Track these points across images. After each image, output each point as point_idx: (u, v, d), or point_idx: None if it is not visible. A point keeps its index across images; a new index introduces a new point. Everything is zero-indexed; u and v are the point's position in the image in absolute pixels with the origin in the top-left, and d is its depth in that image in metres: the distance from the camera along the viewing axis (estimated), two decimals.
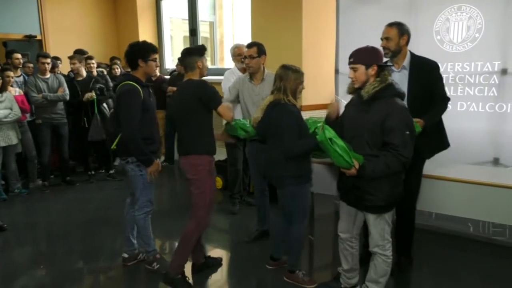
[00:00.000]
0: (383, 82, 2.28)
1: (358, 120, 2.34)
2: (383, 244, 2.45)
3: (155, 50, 2.93)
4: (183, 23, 7.08)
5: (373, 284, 2.56)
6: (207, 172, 2.81)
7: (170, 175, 5.94)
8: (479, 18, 3.31)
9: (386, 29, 2.84)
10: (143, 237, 3.15)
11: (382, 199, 2.35)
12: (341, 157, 2.23)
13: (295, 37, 4.71)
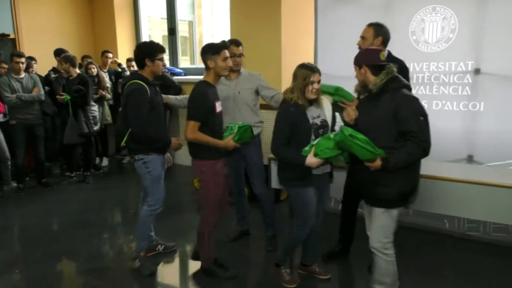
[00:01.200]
0: (389, 74, 2.33)
1: (369, 115, 2.37)
2: (385, 241, 2.43)
3: (162, 49, 2.98)
4: (161, 22, 7.01)
5: (378, 284, 2.53)
6: (211, 174, 2.82)
7: None
8: (453, 19, 3.38)
9: (365, 29, 2.93)
10: (139, 233, 3.22)
11: (397, 192, 2.35)
12: (365, 149, 2.22)
13: (274, 35, 4.73)
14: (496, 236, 3.46)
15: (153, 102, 2.93)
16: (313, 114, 2.61)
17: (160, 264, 3.42)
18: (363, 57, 2.42)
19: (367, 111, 2.39)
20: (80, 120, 5.16)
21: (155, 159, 3.06)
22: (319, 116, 2.62)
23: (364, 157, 2.26)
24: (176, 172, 6.00)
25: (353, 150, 2.26)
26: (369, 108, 2.38)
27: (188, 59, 7.74)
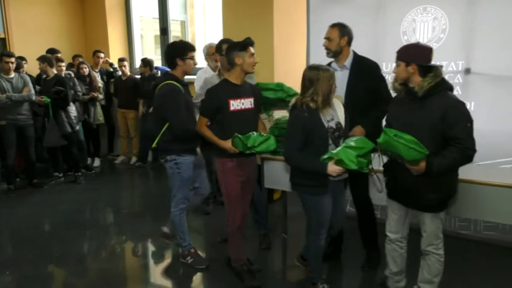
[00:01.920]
0: (438, 77, 2.25)
1: (410, 118, 2.27)
2: (437, 243, 2.44)
3: (193, 48, 2.98)
4: (154, 22, 6.99)
5: (427, 284, 2.53)
6: (221, 172, 2.85)
7: (144, 175, 5.85)
8: (444, 19, 3.41)
9: (329, 30, 2.93)
10: (178, 233, 3.23)
11: (442, 196, 2.33)
12: (412, 149, 2.14)
13: (267, 35, 4.73)
14: (486, 234, 3.49)
15: (187, 102, 2.96)
16: (326, 117, 2.47)
17: (151, 264, 3.41)
18: (415, 55, 2.28)
19: (408, 114, 2.30)
20: (62, 120, 5.11)
21: (186, 161, 3.04)
22: (332, 119, 2.48)
23: (410, 158, 2.17)
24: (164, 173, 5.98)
25: (399, 151, 2.16)
26: (411, 111, 2.29)
27: None
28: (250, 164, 2.89)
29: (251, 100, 2.78)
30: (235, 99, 2.73)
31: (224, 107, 2.71)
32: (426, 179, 2.25)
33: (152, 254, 3.65)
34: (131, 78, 6.03)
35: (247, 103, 2.76)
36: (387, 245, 2.64)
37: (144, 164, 6.07)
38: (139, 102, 5.98)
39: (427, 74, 2.25)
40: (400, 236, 2.57)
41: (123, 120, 6.16)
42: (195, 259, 3.22)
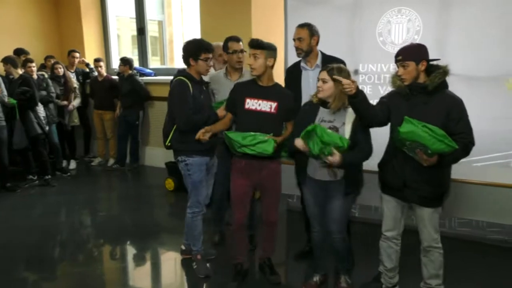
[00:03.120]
0: (446, 74, 2.34)
1: (416, 112, 2.32)
2: (437, 237, 2.51)
3: (208, 49, 2.86)
4: (131, 22, 6.90)
5: (434, 279, 2.58)
6: (231, 171, 2.85)
7: (121, 178, 5.77)
8: (418, 21, 3.48)
9: (298, 30, 2.97)
10: (189, 236, 3.17)
11: (446, 190, 2.43)
12: (442, 142, 2.19)
13: (245, 35, 4.69)
14: (461, 231, 3.58)
15: (195, 102, 2.85)
16: (325, 117, 2.52)
17: (130, 267, 3.37)
18: (422, 52, 2.37)
19: (413, 108, 2.35)
20: (31, 121, 4.99)
21: (196, 162, 2.94)
22: (331, 121, 2.50)
23: (437, 150, 2.22)
24: (147, 173, 5.92)
25: (424, 142, 2.21)
26: (416, 105, 2.36)
27: (158, 59, 7.66)
28: (264, 169, 2.76)
29: (272, 104, 2.69)
30: (252, 99, 2.71)
31: (240, 103, 2.73)
32: (427, 173, 2.35)
33: (131, 256, 3.60)
34: (108, 78, 5.95)
35: (265, 105, 2.70)
36: (383, 242, 2.70)
37: (122, 166, 5.99)
38: (116, 103, 5.90)
39: (430, 71, 2.34)
40: (396, 233, 2.63)
41: (100, 122, 6.06)
42: (199, 266, 3.11)
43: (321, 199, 2.64)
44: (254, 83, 2.76)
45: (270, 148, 2.59)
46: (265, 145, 2.59)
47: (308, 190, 2.67)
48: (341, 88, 2.36)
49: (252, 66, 2.67)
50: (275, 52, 2.70)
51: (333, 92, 2.46)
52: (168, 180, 4.98)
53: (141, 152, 6.13)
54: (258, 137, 2.61)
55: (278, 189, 2.87)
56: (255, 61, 2.65)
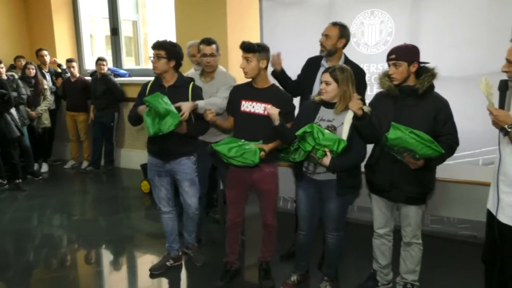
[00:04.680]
0: (434, 76, 2.40)
1: (404, 114, 2.37)
2: (418, 233, 2.60)
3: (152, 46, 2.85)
4: (104, 22, 6.77)
5: (411, 274, 2.67)
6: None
7: (96, 180, 5.66)
8: (390, 23, 3.55)
9: (329, 27, 2.91)
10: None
11: (425, 189, 2.50)
12: (429, 148, 2.26)
13: (220, 36, 4.71)
14: (433, 228, 3.67)
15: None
16: (324, 116, 2.51)
17: (105, 271, 3.31)
18: (415, 54, 2.41)
19: (403, 110, 2.40)
20: (9, 124, 4.85)
21: (149, 161, 3.04)
22: (330, 121, 2.49)
23: (425, 155, 2.30)
24: (122, 175, 5.83)
25: (412, 147, 2.27)
26: (406, 106, 2.40)
27: (133, 60, 7.55)
28: (257, 171, 2.73)
29: (266, 107, 2.64)
30: (247, 101, 2.72)
31: (237, 105, 2.74)
32: (413, 174, 2.41)
33: (107, 261, 3.54)
34: (81, 79, 5.83)
35: (259, 108, 2.69)
36: (376, 240, 2.75)
37: (97, 168, 5.87)
38: (90, 105, 5.79)
39: (418, 73, 2.40)
40: (388, 230, 2.70)
41: (73, 123, 5.93)
42: (195, 255, 3.23)
43: (315, 200, 2.65)
44: (250, 85, 2.77)
45: (256, 158, 2.58)
46: (251, 155, 2.58)
47: (302, 190, 2.68)
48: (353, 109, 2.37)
49: (244, 70, 2.67)
50: (267, 53, 2.69)
51: (337, 94, 2.46)
52: (144, 182, 4.92)
53: (116, 154, 6.04)
54: (244, 147, 2.61)
55: (274, 192, 2.84)
56: (248, 64, 2.64)
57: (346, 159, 2.42)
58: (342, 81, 2.42)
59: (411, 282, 2.69)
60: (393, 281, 2.82)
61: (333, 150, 2.36)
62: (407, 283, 2.70)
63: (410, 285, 2.69)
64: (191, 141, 2.95)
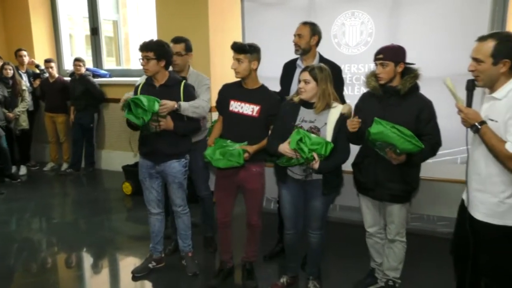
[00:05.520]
0: (417, 77, 2.44)
1: (387, 114, 2.40)
2: (403, 231, 2.63)
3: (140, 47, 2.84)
4: (84, 21, 6.66)
5: (393, 271, 2.71)
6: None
7: (76, 182, 5.56)
8: (370, 24, 3.60)
9: (300, 27, 2.97)
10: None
11: (414, 187, 2.54)
12: (410, 142, 2.29)
13: (202, 36, 4.70)
14: (413, 225, 3.73)
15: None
16: (305, 117, 2.53)
17: (86, 275, 3.26)
18: (402, 54, 2.45)
19: (385, 110, 2.44)
20: None
21: (140, 162, 3.03)
22: (312, 122, 2.50)
23: (405, 150, 2.32)
24: (103, 177, 5.75)
25: (393, 142, 2.30)
26: (387, 107, 2.45)
27: (113, 60, 7.45)
28: (242, 171, 2.73)
29: (254, 107, 2.67)
30: (236, 101, 2.72)
31: (225, 105, 2.74)
32: (397, 172, 2.46)
33: (88, 264, 3.49)
34: (60, 80, 5.73)
35: (248, 108, 2.69)
36: (368, 239, 2.80)
37: (77, 170, 5.78)
38: (69, 105, 5.69)
39: (405, 74, 2.44)
40: (378, 228, 2.74)
41: (52, 125, 5.83)
42: (188, 264, 3.16)
43: (299, 199, 2.66)
44: (240, 85, 2.76)
45: (241, 159, 2.59)
46: (235, 156, 2.59)
47: (286, 190, 2.68)
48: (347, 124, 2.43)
49: (236, 70, 2.67)
50: (258, 54, 2.69)
51: (316, 92, 2.47)
52: (125, 184, 4.86)
53: (97, 155, 5.95)
54: (228, 149, 2.61)
55: (260, 192, 2.84)
56: (239, 65, 2.64)
57: (333, 160, 2.44)
58: (321, 80, 2.44)
59: (392, 279, 2.73)
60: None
61: (320, 154, 2.37)
62: (388, 280, 2.74)
63: (392, 282, 2.73)
64: (182, 142, 2.93)
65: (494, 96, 2.00)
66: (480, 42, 1.99)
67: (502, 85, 1.97)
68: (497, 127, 1.95)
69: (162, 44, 2.82)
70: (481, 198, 2.06)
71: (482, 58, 1.96)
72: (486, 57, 1.95)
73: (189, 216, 3.12)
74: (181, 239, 3.16)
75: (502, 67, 1.93)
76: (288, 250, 2.87)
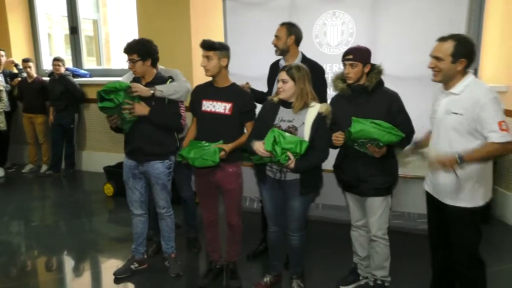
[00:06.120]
0: (380, 73, 2.53)
1: (359, 112, 2.46)
2: (385, 228, 2.66)
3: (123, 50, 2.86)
4: (63, 20, 6.55)
5: (380, 270, 2.73)
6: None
7: (56, 184, 5.46)
8: (351, 24, 3.63)
9: (278, 28, 3.00)
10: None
11: (395, 177, 2.61)
12: (391, 134, 2.35)
13: (184, 35, 4.68)
14: (394, 223, 3.78)
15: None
16: (284, 116, 2.54)
17: (67, 278, 3.21)
18: (368, 55, 2.53)
19: (357, 109, 2.50)
20: None
21: (124, 162, 3.00)
22: (290, 121, 2.51)
23: (388, 142, 2.38)
24: (84, 178, 5.67)
25: (375, 136, 2.35)
26: (358, 105, 2.51)
27: (94, 60, 7.35)
28: (219, 170, 2.71)
29: (226, 105, 2.67)
30: (208, 100, 2.72)
31: (198, 106, 2.74)
32: (378, 166, 2.53)
33: (69, 267, 3.43)
34: (38, 80, 5.61)
35: (219, 107, 2.69)
36: (353, 232, 2.83)
37: (57, 172, 5.67)
38: (48, 106, 5.58)
39: (369, 72, 2.52)
40: (365, 222, 2.76)
41: (30, 126, 5.71)
42: (171, 265, 3.12)
43: (279, 198, 2.67)
44: (211, 84, 2.76)
45: (216, 157, 2.56)
46: (211, 155, 2.57)
47: (266, 190, 2.69)
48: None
49: (205, 68, 2.66)
50: (228, 51, 2.70)
51: (294, 92, 2.49)
52: (107, 185, 4.80)
53: (77, 157, 5.86)
54: (204, 148, 2.60)
55: (237, 192, 2.83)
56: (208, 62, 2.64)
57: (310, 159, 2.45)
58: (298, 79, 2.46)
59: (380, 278, 2.76)
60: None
61: (296, 152, 2.38)
62: (376, 279, 2.77)
63: (380, 281, 2.76)
64: (166, 142, 2.90)
65: (452, 91, 2.21)
66: (441, 42, 2.21)
67: (458, 82, 2.19)
68: (461, 120, 2.15)
69: (143, 43, 2.82)
70: (451, 185, 2.22)
71: (443, 56, 2.17)
72: (446, 56, 2.16)
73: (172, 218, 3.09)
74: (164, 241, 3.13)
75: (459, 65, 2.15)
76: (271, 248, 2.88)
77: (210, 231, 2.98)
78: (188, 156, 2.60)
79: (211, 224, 2.95)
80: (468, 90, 2.16)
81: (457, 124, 2.17)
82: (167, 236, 3.11)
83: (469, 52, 2.16)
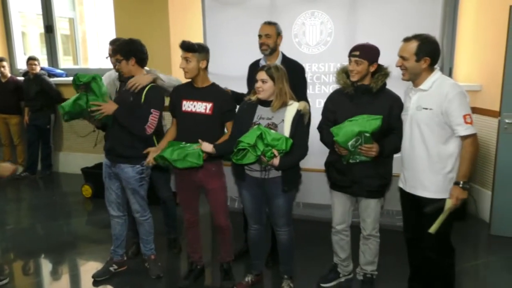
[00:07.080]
0: (387, 75, 2.53)
1: (360, 112, 2.45)
2: (377, 226, 2.72)
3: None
4: (38, 19, 6.40)
5: (370, 265, 2.81)
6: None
7: (32, 186, 5.34)
8: (330, 23, 3.67)
9: (265, 27, 2.98)
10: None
11: (386, 181, 2.62)
12: (371, 120, 2.38)
13: (163, 34, 4.64)
14: None
15: (116, 99, 2.90)
16: (263, 114, 2.54)
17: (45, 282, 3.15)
18: (376, 54, 2.52)
19: (358, 107, 2.49)
20: None
21: (103, 161, 2.97)
22: (269, 119, 2.52)
23: (373, 129, 2.37)
24: (62, 180, 5.56)
25: (359, 129, 2.36)
26: (362, 104, 2.50)
27: (70, 59, 7.22)
28: (201, 170, 2.67)
29: (207, 105, 2.65)
30: (188, 100, 2.69)
31: (178, 106, 2.72)
32: (373, 168, 2.54)
33: (47, 270, 3.36)
34: (12, 79, 5.47)
35: (200, 106, 2.67)
36: (334, 236, 2.84)
37: (33, 174, 5.55)
38: (23, 106, 5.45)
39: (375, 72, 2.53)
40: (346, 226, 2.80)
41: (4, 127, 5.56)
42: (151, 267, 3.09)
43: (259, 196, 2.67)
44: (191, 85, 2.74)
45: (200, 160, 2.56)
46: (194, 157, 2.56)
47: (246, 189, 2.68)
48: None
49: (184, 69, 2.64)
50: (207, 53, 2.69)
51: (273, 91, 2.50)
52: (85, 187, 4.72)
53: (54, 158, 5.74)
54: (187, 149, 2.58)
55: (220, 191, 2.80)
56: (187, 64, 2.62)
57: (292, 156, 2.47)
58: (277, 78, 2.48)
59: (370, 273, 2.84)
60: (354, 271, 2.95)
61: (281, 149, 2.39)
62: (366, 274, 2.84)
63: (370, 275, 2.84)
64: (138, 145, 2.80)
65: (421, 88, 2.32)
66: (406, 42, 2.31)
67: (426, 78, 2.30)
68: (431, 114, 2.25)
69: (127, 43, 2.80)
70: (428, 178, 2.32)
71: (407, 56, 2.28)
72: (410, 55, 2.27)
73: (150, 222, 3.04)
74: (143, 244, 3.10)
75: (423, 64, 2.26)
76: (252, 246, 2.87)
77: (190, 232, 2.96)
78: (171, 158, 2.57)
79: (191, 225, 2.93)
80: (436, 86, 2.27)
81: (428, 119, 2.26)
82: (145, 239, 3.08)
83: (433, 51, 2.27)
